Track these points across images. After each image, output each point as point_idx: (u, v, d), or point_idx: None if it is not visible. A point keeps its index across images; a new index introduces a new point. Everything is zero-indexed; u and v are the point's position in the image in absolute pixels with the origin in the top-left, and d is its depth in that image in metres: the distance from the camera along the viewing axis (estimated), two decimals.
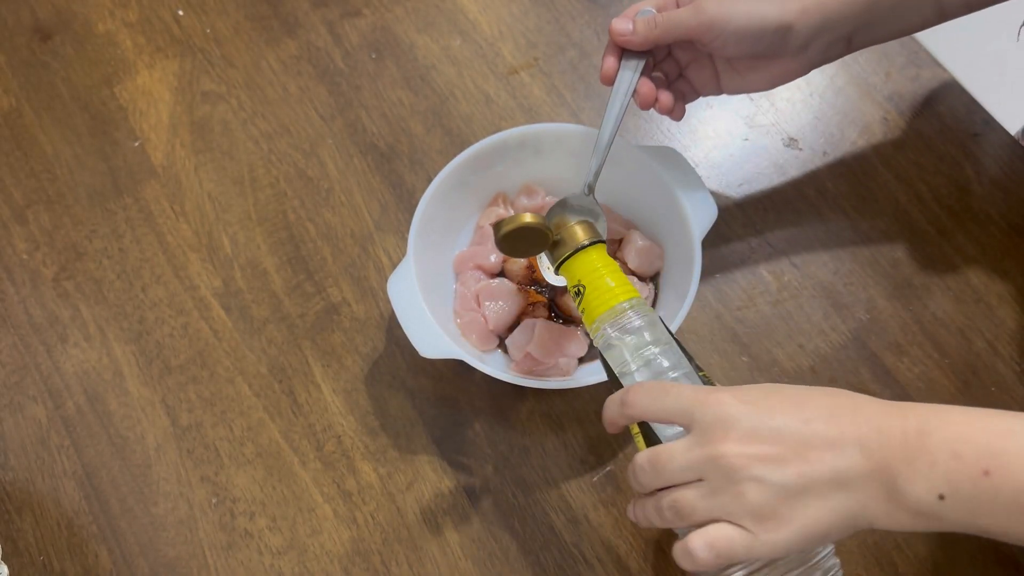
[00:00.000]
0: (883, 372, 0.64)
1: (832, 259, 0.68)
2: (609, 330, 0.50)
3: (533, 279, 0.65)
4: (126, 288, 0.69)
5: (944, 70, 0.76)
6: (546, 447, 0.63)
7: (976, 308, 0.66)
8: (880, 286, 0.67)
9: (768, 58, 0.58)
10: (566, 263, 0.53)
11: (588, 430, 0.63)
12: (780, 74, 0.59)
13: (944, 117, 0.73)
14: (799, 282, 0.68)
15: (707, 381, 0.48)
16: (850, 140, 0.73)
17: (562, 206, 0.61)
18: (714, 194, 0.66)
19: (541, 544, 0.60)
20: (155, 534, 0.61)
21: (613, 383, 0.50)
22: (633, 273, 0.64)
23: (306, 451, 0.63)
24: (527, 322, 0.63)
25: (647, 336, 0.49)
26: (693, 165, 0.65)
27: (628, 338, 0.49)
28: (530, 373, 0.61)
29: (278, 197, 0.72)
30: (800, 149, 0.73)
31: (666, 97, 0.60)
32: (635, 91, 0.59)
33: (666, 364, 0.48)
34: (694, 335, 0.66)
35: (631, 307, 0.50)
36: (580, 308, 0.52)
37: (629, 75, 0.59)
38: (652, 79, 0.60)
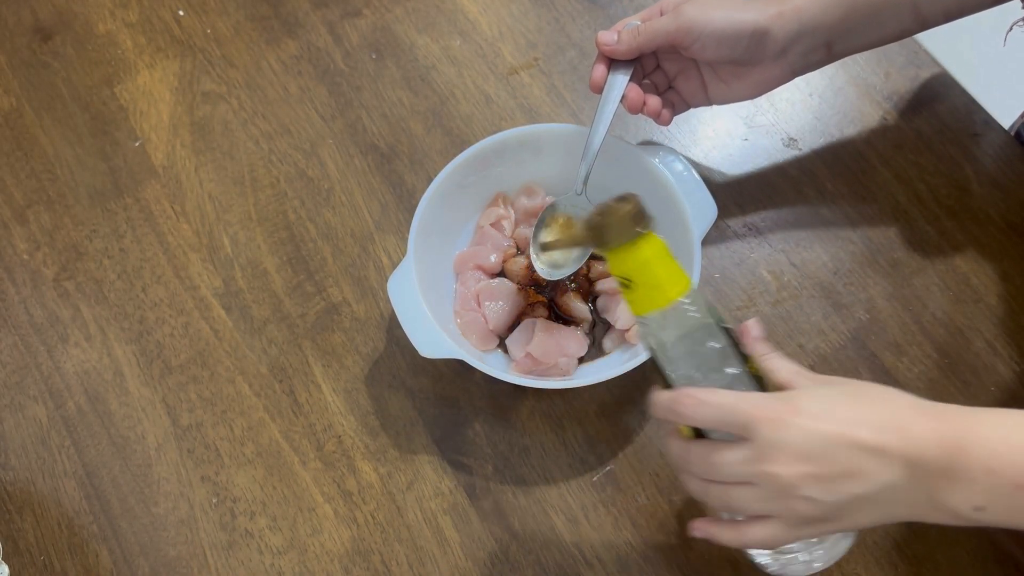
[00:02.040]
0: (882, 372, 0.64)
1: (832, 259, 0.68)
2: (659, 327, 0.47)
3: (533, 279, 0.65)
4: (127, 288, 0.69)
5: (944, 70, 0.76)
6: (546, 447, 0.63)
7: (976, 308, 0.66)
8: (879, 286, 0.67)
9: (749, 64, 0.60)
10: (613, 253, 0.47)
11: (588, 430, 0.63)
12: (763, 81, 0.61)
13: (943, 117, 0.74)
14: (799, 282, 0.68)
15: (757, 377, 0.47)
16: (849, 140, 0.73)
17: (554, 208, 0.63)
18: (714, 194, 0.66)
19: (541, 544, 0.60)
20: (156, 534, 0.61)
21: (660, 376, 0.48)
22: None
23: (306, 451, 0.63)
24: (527, 322, 0.63)
25: (699, 332, 0.46)
26: (693, 165, 0.65)
27: (680, 335, 0.46)
28: (530, 373, 0.61)
29: (278, 197, 0.72)
30: (800, 149, 0.73)
31: (654, 101, 0.62)
32: (623, 96, 0.61)
33: (718, 363, 0.46)
34: None
35: (685, 303, 0.46)
36: (626, 299, 0.48)
37: (618, 83, 0.61)
38: (642, 86, 0.62)
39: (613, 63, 0.62)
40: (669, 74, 0.64)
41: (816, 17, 0.57)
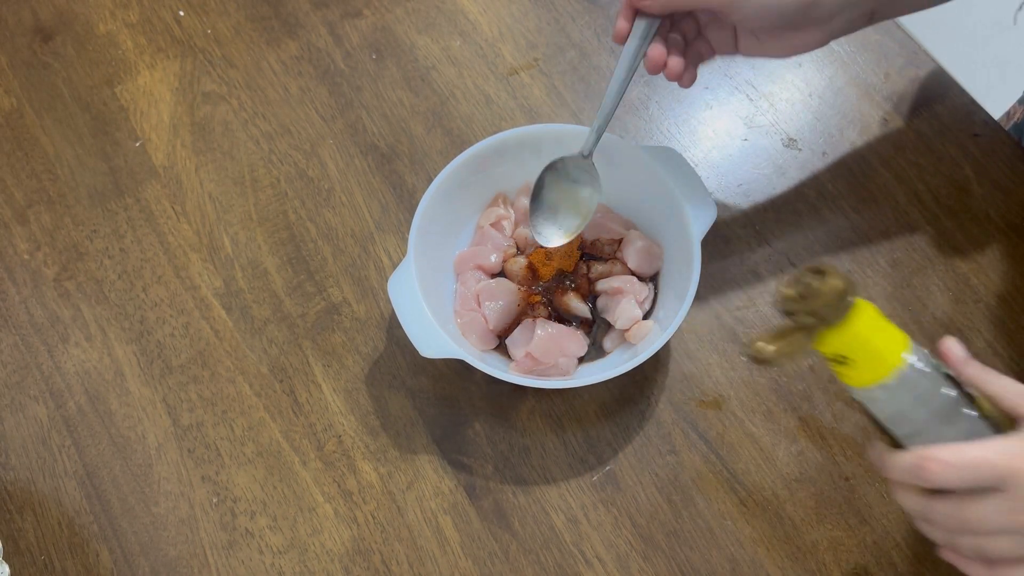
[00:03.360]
0: None
1: (831, 259, 0.68)
2: (886, 393, 0.43)
3: (533, 279, 0.65)
4: (127, 288, 0.69)
5: (944, 70, 0.76)
6: (546, 447, 0.63)
7: (976, 308, 0.66)
8: (879, 286, 0.67)
9: (791, 30, 0.57)
10: (823, 336, 0.43)
11: (588, 430, 0.63)
12: (800, 44, 0.58)
13: (943, 117, 0.74)
14: None
15: (991, 415, 0.44)
16: (849, 140, 0.73)
17: (555, 169, 0.60)
18: (714, 194, 0.66)
19: (541, 544, 0.60)
20: (156, 533, 0.61)
21: (884, 434, 0.45)
22: (633, 273, 0.65)
23: (307, 451, 0.63)
24: (527, 322, 0.63)
25: (929, 387, 0.43)
26: (693, 165, 0.65)
27: (910, 396, 0.43)
28: (530, 373, 0.61)
29: (279, 197, 0.72)
30: (799, 149, 0.73)
31: (675, 62, 0.58)
32: (644, 55, 0.57)
33: (950, 412, 0.43)
34: (694, 335, 0.66)
35: (911, 364, 0.42)
36: (842, 375, 0.44)
37: (639, 38, 0.57)
38: (668, 42, 0.58)
39: (638, 15, 0.57)
40: (701, 22, 0.60)
41: None
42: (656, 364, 0.65)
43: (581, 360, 0.63)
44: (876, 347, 0.42)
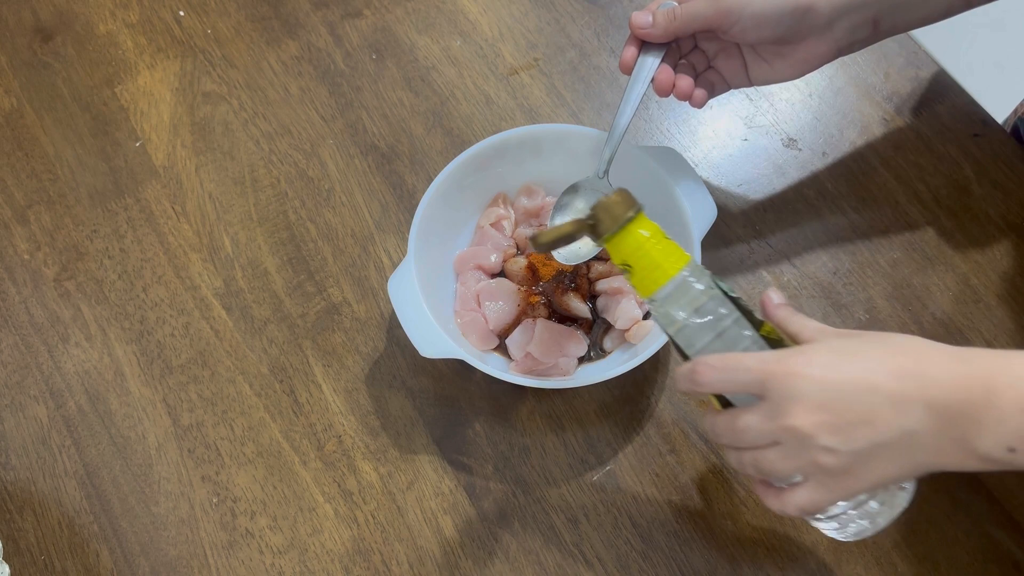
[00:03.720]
0: None
1: (831, 259, 0.68)
2: (667, 304, 0.47)
3: (533, 279, 0.65)
4: (127, 288, 0.69)
5: (943, 71, 0.76)
6: (546, 447, 0.63)
7: (975, 308, 0.66)
8: (879, 286, 0.67)
9: (793, 42, 0.57)
10: (609, 241, 0.48)
11: (588, 430, 0.63)
12: (807, 59, 0.58)
13: (943, 117, 0.74)
14: (798, 282, 0.68)
15: (772, 336, 0.47)
16: (849, 140, 0.73)
17: (575, 190, 0.61)
18: (714, 194, 0.66)
19: (541, 544, 0.60)
20: (156, 533, 0.61)
21: (679, 353, 0.49)
22: None
23: (307, 451, 0.63)
24: (527, 322, 0.63)
25: (706, 303, 0.47)
26: (693, 165, 0.65)
27: (687, 309, 0.47)
28: (530, 373, 0.61)
29: (279, 197, 0.72)
30: (799, 149, 0.73)
31: (684, 82, 0.59)
32: (653, 78, 0.59)
33: (732, 332, 0.47)
34: None
35: (685, 276, 0.47)
36: (633, 285, 0.49)
37: (648, 64, 0.59)
38: (678, 67, 0.60)
39: (644, 44, 0.59)
40: (708, 53, 0.61)
41: None
42: (656, 364, 0.65)
43: (581, 360, 0.63)
44: (653, 257, 0.47)
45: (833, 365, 0.43)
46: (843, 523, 0.49)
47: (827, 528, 0.49)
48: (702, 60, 0.62)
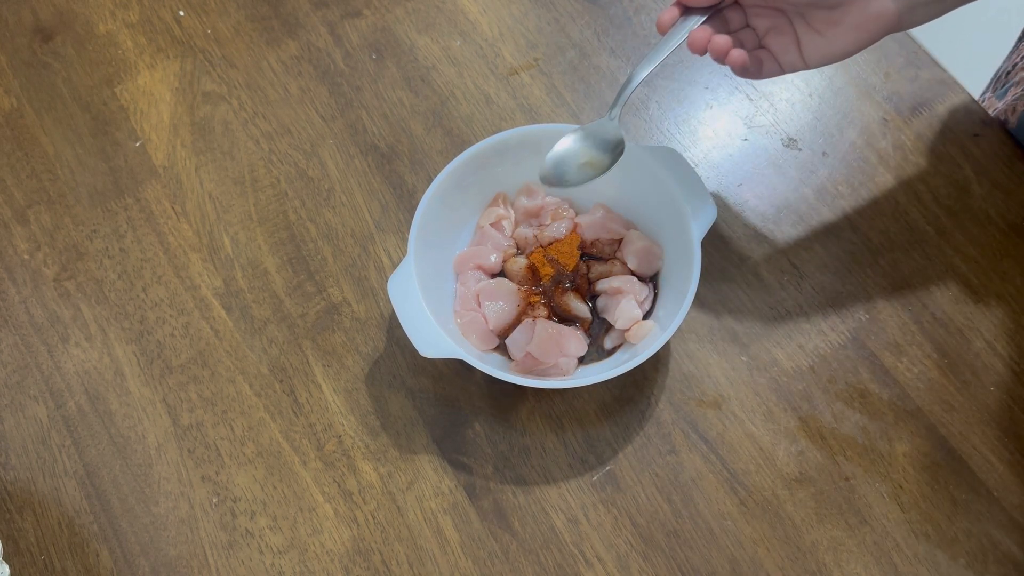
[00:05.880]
0: (882, 372, 0.64)
1: (831, 259, 0.68)
2: None
3: (533, 279, 0.65)
4: (127, 288, 0.69)
5: (944, 70, 0.76)
6: (546, 447, 0.63)
7: (975, 308, 0.66)
8: (879, 286, 0.67)
9: (847, 4, 0.53)
10: None
11: (588, 430, 0.63)
12: (863, 24, 0.53)
13: (943, 117, 0.74)
14: (798, 282, 0.68)
15: None
16: (849, 140, 0.73)
17: (583, 134, 0.59)
18: (714, 194, 0.66)
19: (541, 544, 0.60)
20: (156, 533, 0.61)
21: None
22: (633, 273, 0.65)
23: (307, 451, 0.63)
24: (527, 322, 0.63)
25: None
26: (693, 165, 0.65)
27: None
28: (530, 373, 0.61)
29: (279, 197, 0.72)
30: (799, 149, 0.73)
31: (721, 40, 0.55)
32: (687, 36, 0.56)
33: None
34: (694, 335, 0.66)
35: None
36: None
37: (687, 25, 0.56)
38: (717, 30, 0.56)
39: (687, 9, 0.55)
40: (759, 31, 0.58)
41: None
42: (656, 364, 0.65)
43: (581, 360, 0.63)
44: None
45: None
46: None
47: None
48: (752, 38, 0.58)
